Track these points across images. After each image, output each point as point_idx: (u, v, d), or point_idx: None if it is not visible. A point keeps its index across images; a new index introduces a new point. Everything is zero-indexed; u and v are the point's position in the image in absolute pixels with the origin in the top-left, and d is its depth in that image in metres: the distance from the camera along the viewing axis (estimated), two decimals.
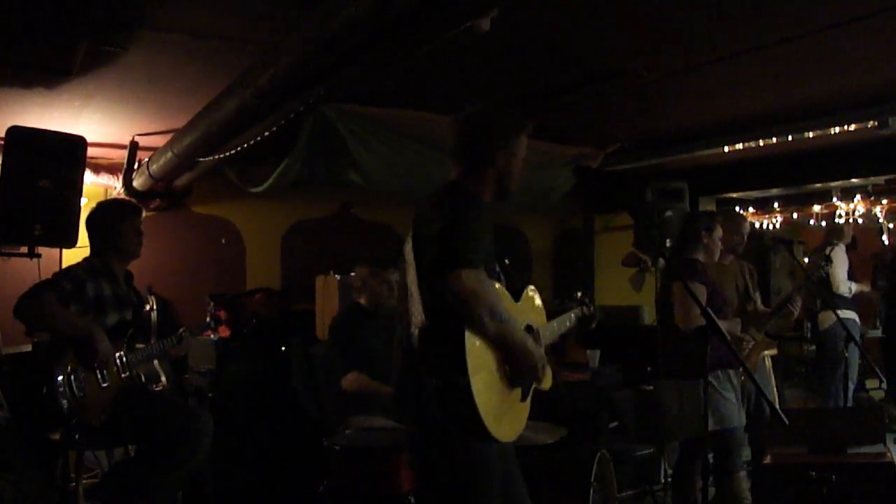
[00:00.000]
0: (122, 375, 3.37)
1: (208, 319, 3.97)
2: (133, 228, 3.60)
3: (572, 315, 2.94)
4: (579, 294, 3.08)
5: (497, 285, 2.39)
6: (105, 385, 3.29)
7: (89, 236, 3.62)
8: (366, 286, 4.46)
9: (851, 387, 5.83)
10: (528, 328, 2.53)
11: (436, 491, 2.48)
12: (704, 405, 2.88)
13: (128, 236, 3.56)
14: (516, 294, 2.57)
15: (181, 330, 3.75)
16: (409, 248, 2.49)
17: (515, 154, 2.54)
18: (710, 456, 4.06)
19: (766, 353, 4.65)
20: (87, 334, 3.20)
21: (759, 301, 4.74)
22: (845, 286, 6.14)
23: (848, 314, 5.77)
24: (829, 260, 5.72)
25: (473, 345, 2.21)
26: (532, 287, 2.68)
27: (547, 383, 2.54)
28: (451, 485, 2.38)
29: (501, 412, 2.29)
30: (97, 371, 3.26)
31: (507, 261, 2.67)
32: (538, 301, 2.72)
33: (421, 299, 2.36)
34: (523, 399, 2.44)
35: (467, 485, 2.35)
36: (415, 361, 2.34)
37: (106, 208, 3.70)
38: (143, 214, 3.69)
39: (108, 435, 3.39)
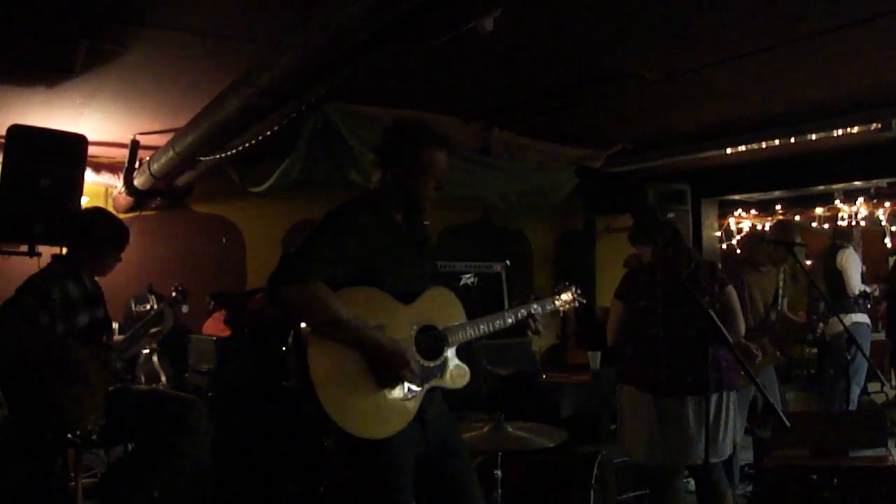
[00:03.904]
0: (105, 374, 3.33)
1: (174, 294, 3.86)
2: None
3: (507, 317, 2.74)
4: (572, 288, 3.00)
5: (375, 291, 2.38)
6: (92, 391, 3.25)
7: (77, 234, 3.50)
8: None
9: (857, 390, 5.80)
10: (427, 328, 2.49)
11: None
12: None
13: (115, 257, 3.53)
14: (410, 297, 2.49)
15: (160, 305, 3.77)
16: None
17: (419, 168, 2.46)
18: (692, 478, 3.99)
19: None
20: (57, 352, 3.14)
21: (784, 307, 4.66)
22: (859, 289, 6.08)
23: (860, 318, 5.72)
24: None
25: (321, 346, 2.27)
26: (439, 287, 2.60)
27: (456, 382, 2.54)
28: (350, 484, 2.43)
29: (359, 408, 2.31)
30: (80, 381, 3.20)
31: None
32: (451, 300, 2.63)
33: None
34: (407, 399, 2.40)
35: (361, 485, 2.38)
36: None
37: (112, 222, 3.60)
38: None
39: (106, 434, 3.38)
